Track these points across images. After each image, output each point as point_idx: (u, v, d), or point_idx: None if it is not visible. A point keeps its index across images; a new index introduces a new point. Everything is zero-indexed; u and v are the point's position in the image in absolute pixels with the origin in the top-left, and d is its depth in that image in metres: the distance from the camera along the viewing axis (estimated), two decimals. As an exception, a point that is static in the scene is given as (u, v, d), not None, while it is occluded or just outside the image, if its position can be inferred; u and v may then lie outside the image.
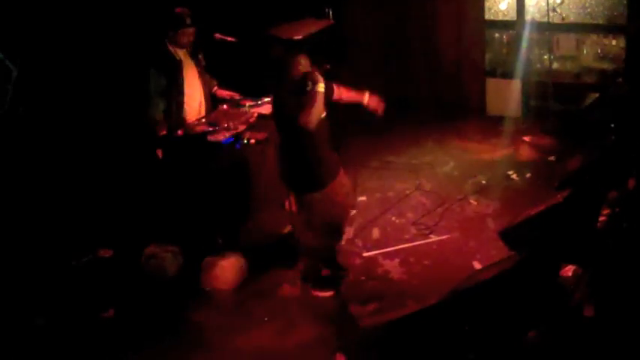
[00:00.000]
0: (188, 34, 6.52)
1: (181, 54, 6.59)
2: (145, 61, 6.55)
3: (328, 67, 6.45)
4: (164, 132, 6.52)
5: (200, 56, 6.78)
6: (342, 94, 5.78)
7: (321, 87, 5.31)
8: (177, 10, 6.51)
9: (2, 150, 6.73)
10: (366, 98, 5.83)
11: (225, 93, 7.05)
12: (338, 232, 5.96)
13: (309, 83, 5.33)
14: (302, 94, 5.34)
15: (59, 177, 7.05)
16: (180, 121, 6.60)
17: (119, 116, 7.42)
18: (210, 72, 6.97)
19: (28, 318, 5.75)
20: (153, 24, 6.76)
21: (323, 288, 5.98)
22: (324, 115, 5.48)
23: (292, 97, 5.40)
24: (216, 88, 7.04)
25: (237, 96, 7.04)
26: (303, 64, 5.47)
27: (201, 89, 6.75)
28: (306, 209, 5.73)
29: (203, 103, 6.79)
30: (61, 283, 6.14)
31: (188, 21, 6.50)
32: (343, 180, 5.77)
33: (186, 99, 6.62)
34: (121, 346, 5.54)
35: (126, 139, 7.33)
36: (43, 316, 5.77)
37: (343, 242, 6.33)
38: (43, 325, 5.69)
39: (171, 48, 6.54)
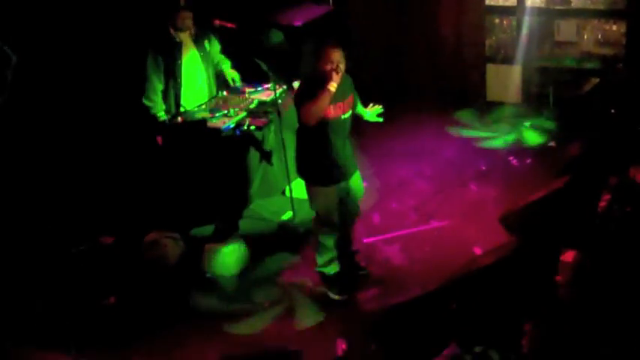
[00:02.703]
0: (184, 17, 6.51)
1: (183, 38, 6.57)
2: (145, 42, 6.54)
3: None
4: (162, 116, 6.52)
5: (206, 41, 6.75)
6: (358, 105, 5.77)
7: (332, 86, 5.21)
8: None
9: (2, 136, 6.72)
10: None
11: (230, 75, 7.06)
12: (332, 228, 5.75)
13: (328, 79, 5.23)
14: (318, 87, 5.25)
15: (60, 164, 7.05)
16: (178, 103, 6.60)
17: (119, 103, 7.40)
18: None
19: (29, 305, 5.76)
20: (155, 7, 6.75)
21: (334, 289, 5.86)
22: (344, 116, 5.45)
23: (307, 87, 5.35)
24: (226, 65, 7.04)
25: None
26: (333, 59, 5.26)
27: (203, 74, 6.73)
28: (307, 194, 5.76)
29: (205, 88, 6.77)
30: (62, 271, 6.15)
31: (182, 3, 6.49)
32: (329, 193, 5.59)
33: (184, 82, 6.61)
34: (123, 332, 5.56)
35: (126, 126, 7.32)
36: (44, 303, 5.78)
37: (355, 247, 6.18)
38: (44, 311, 5.71)
39: (172, 31, 6.53)
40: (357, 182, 5.75)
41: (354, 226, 6.02)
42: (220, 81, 7.04)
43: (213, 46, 6.85)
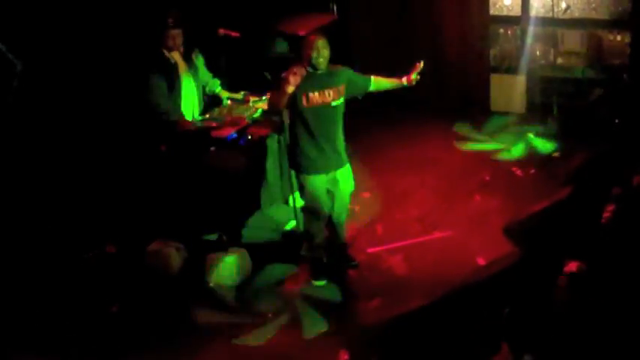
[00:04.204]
0: (173, 35, 6.48)
1: (175, 57, 6.56)
2: (146, 64, 6.53)
3: None
4: (188, 124, 6.52)
5: (193, 56, 6.75)
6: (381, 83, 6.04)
7: (289, 88, 5.50)
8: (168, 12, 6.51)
9: (7, 143, 6.73)
10: (404, 80, 6.08)
11: (226, 94, 7.05)
12: (317, 216, 5.95)
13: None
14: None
15: (64, 172, 7.05)
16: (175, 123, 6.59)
17: (123, 112, 7.41)
18: (212, 70, 6.97)
19: (31, 311, 5.75)
20: (149, 28, 6.76)
21: (318, 277, 6.06)
22: (334, 103, 5.64)
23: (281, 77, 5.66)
24: (219, 89, 7.03)
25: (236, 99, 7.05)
26: (318, 46, 5.58)
27: (195, 91, 6.73)
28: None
29: (197, 104, 6.77)
30: (66, 278, 6.15)
31: (171, 22, 6.47)
32: (314, 181, 5.80)
33: (183, 102, 6.62)
34: (125, 341, 5.55)
35: (130, 134, 7.33)
36: (46, 310, 5.78)
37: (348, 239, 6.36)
38: (46, 318, 5.70)
39: (165, 52, 6.53)
40: (345, 175, 5.91)
41: (347, 221, 6.19)
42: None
43: (199, 60, 6.84)
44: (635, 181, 4.35)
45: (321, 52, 5.57)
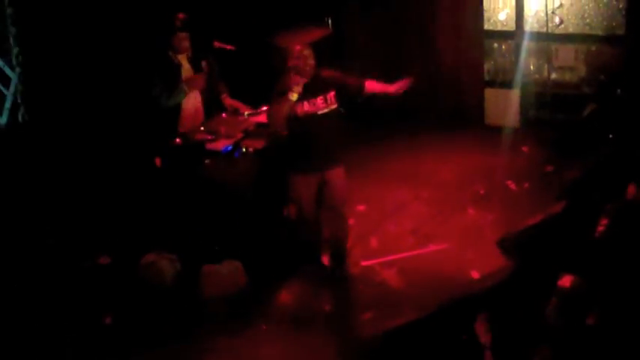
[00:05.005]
0: (180, 38, 6.55)
1: (181, 59, 6.60)
2: (147, 67, 6.56)
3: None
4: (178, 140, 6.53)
5: (204, 63, 6.77)
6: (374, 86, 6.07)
7: (293, 96, 5.61)
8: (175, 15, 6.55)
9: (3, 157, 6.73)
10: (392, 89, 6.08)
11: (229, 102, 7.04)
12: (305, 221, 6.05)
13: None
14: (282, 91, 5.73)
15: (59, 184, 7.05)
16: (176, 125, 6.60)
17: (118, 125, 7.42)
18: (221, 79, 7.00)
19: (25, 321, 5.74)
20: (154, 31, 6.79)
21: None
22: (321, 112, 5.72)
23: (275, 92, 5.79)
24: (225, 95, 7.03)
25: (242, 108, 7.02)
26: (304, 54, 5.76)
27: (199, 96, 6.74)
28: None
29: (200, 109, 6.77)
30: (59, 290, 6.13)
31: (178, 24, 6.53)
32: (303, 183, 5.91)
33: (182, 104, 6.62)
34: (119, 353, 5.52)
35: (125, 147, 7.33)
36: (41, 321, 5.76)
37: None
38: (41, 329, 5.68)
39: (171, 54, 6.57)
40: (336, 177, 5.96)
41: (346, 227, 6.23)
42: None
43: (212, 69, 6.85)
44: (629, 195, 4.37)
45: (307, 62, 5.70)
